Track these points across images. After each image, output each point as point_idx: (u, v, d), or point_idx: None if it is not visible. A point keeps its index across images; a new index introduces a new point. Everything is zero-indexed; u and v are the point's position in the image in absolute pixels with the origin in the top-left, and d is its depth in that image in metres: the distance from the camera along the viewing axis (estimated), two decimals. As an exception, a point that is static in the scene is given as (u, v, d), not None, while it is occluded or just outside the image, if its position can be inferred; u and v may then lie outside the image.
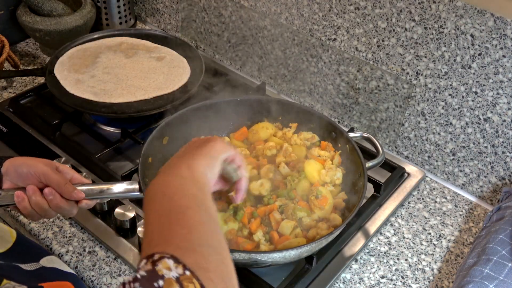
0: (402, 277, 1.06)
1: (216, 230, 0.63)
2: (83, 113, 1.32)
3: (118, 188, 0.92)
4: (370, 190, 1.16)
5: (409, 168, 1.27)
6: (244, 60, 1.52)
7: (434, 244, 1.13)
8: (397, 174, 1.23)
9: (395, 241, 1.13)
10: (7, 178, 0.86)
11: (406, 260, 1.09)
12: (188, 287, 0.51)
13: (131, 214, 1.07)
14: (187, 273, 0.53)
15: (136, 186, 0.93)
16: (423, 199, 1.23)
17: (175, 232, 0.60)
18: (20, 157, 0.88)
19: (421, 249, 1.12)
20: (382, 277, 1.06)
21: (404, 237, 1.14)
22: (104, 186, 0.91)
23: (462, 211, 1.20)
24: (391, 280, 1.05)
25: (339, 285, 1.04)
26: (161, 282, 0.50)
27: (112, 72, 1.36)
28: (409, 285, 1.05)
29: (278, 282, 1.01)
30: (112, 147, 1.24)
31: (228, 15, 1.48)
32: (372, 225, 1.13)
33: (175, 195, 0.66)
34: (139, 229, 1.04)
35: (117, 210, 1.07)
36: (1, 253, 0.79)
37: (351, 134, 1.13)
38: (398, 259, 1.09)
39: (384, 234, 1.14)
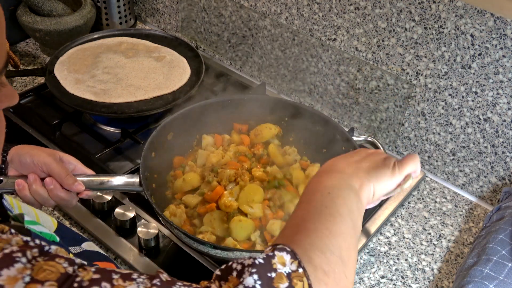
0: (402, 277, 1.06)
1: (352, 247, 0.64)
2: (83, 113, 1.32)
3: (118, 180, 0.93)
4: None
5: (409, 168, 1.27)
6: (244, 60, 1.52)
7: (434, 244, 1.13)
8: (397, 174, 1.22)
9: (395, 241, 1.13)
10: (12, 166, 0.89)
11: (406, 260, 1.09)
12: (296, 285, 0.53)
13: (131, 214, 1.07)
14: (300, 270, 0.55)
15: (137, 180, 0.93)
16: (423, 199, 1.23)
17: (319, 229, 0.62)
18: (25, 145, 0.90)
19: (421, 249, 1.12)
20: (382, 277, 1.06)
21: (404, 237, 1.14)
22: (104, 178, 0.92)
23: (462, 211, 1.20)
24: (391, 280, 1.05)
25: (339, 285, 1.04)
26: (273, 274, 0.53)
27: (112, 72, 1.36)
28: (409, 285, 1.05)
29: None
30: (112, 147, 1.24)
31: (228, 15, 1.48)
32: (372, 225, 1.13)
33: (338, 199, 0.67)
34: (139, 229, 1.03)
35: (117, 210, 1.07)
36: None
37: (355, 138, 1.12)
38: (398, 259, 1.09)
39: (384, 234, 1.14)
